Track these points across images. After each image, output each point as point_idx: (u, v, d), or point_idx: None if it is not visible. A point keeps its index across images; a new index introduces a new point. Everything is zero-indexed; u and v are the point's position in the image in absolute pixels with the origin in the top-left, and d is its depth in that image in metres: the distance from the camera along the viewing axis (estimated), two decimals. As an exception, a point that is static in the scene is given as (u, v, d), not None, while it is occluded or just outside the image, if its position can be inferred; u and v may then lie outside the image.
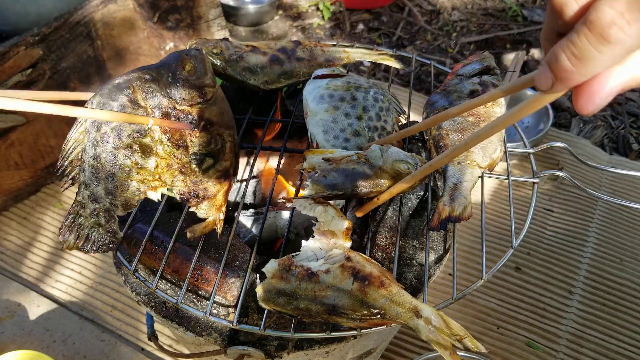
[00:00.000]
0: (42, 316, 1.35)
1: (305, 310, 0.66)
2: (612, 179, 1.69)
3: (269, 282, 0.68)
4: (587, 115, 0.38)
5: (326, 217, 0.71)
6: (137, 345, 1.30)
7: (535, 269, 1.44)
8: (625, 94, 2.04)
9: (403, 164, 0.73)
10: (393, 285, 0.66)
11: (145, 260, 0.82)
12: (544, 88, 0.40)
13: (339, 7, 2.57)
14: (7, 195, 1.60)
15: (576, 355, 1.27)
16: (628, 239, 1.52)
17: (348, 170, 0.73)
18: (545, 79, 0.40)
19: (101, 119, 0.71)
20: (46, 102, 0.59)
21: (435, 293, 1.38)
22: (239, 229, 0.96)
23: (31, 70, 1.48)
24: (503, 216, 1.58)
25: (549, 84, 0.39)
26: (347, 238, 0.71)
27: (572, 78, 0.38)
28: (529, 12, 2.49)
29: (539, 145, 0.92)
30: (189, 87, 0.74)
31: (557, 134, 1.82)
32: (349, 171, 0.73)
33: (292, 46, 0.99)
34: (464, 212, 0.78)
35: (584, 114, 0.40)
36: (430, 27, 2.45)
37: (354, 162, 0.74)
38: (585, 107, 0.39)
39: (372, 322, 0.66)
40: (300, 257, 0.69)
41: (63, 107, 0.58)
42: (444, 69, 1.12)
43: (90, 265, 1.48)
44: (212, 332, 0.81)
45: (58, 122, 1.61)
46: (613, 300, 1.37)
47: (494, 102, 0.90)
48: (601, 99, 0.38)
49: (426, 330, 0.65)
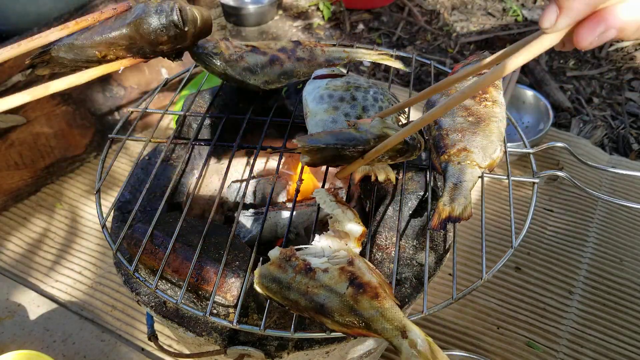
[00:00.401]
0: (42, 316, 1.35)
1: (294, 302, 0.66)
2: (612, 179, 1.69)
3: (267, 267, 0.69)
4: (584, 49, 0.41)
5: (343, 219, 0.72)
6: (137, 345, 1.30)
7: (535, 269, 1.44)
8: (625, 94, 2.04)
9: (392, 130, 0.73)
10: (388, 300, 0.65)
11: (145, 260, 0.82)
12: (547, 24, 0.43)
13: (339, 7, 2.57)
14: (7, 195, 1.60)
15: (576, 355, 1.27)
16: (628, 239, 1.52)
17: (336, 132, 0.74)
18: (549, 13, 0.43)
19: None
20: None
21: (435, 293, 1.38)
22: (239, 229, 0.96)
23: (31, 70, 1.48)
24: (503, 216, 1.58)
25: (553, 18, 0.43)
26: (358, 244, 0.72)
27: (576, 7, 0.41)
28: (529, 12, 2.49)
29: (539, 145, 0.92)
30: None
31: (557, 134, 1.82)
32: (337, 132, 0.74)
33: (292, 46, 0.99)
34: (464, 212, 0.78)
35: (582, 45, 0.43)
36: (430, 27, 2.45)
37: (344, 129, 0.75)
38: (583, 38, 0.43)
39: (356, 330, 0.65)
40: (306, 252, 0.69)
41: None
42: (444, 69, 1.12)
43: (90, 265, 1.48)
44: (212, 332, 0.81)
45: (58, 121, 1.61)
46: (613, 300, 1.37)
47: (494, 102, 0.90)
48: (600, 32, 0.42)
49: (408, 353, 0.62)
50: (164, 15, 0.71)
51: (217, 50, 0.93)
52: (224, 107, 1.04)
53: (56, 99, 1.57)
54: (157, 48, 0.77)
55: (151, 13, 0.71)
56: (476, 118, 0.87)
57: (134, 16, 0.73)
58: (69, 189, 1.69)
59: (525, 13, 2.49)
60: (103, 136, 1.76)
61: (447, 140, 0.86)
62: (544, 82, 2.08)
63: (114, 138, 0.98)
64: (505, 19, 2.47)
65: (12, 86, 1.45)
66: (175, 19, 0.71)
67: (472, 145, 0.84)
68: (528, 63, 2.15)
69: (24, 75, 1.40)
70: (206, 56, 0.93)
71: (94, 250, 1.52)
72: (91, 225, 1.58)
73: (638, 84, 2.09)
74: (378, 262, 0.83)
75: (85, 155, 1.74)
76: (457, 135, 0.86)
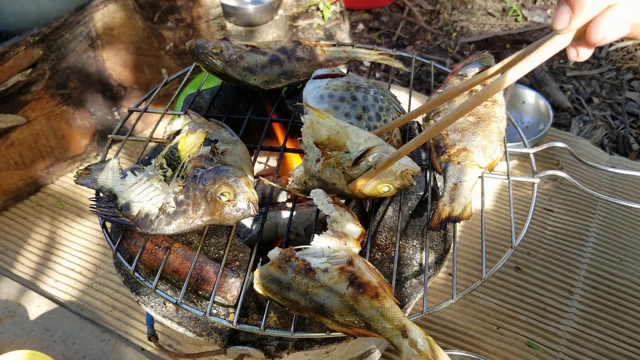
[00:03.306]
0: (42, 316, 1.35)
1: (294, 303, 0.66)
2: (612, 179, 1.69)
3: (267, 268, 0.69)
4: (597, 44, 0.42)
5: (341, 220, 0.72)
6: (137, 345, 1.30)
7: (535, 269, 1.44)
8: (625, 94, 2.04)
9: (385, 186, 0.73)
10: (388, 299, 0.65)
11: (145, 260, 0.82)
12: (561, 26, 0.44)
13: (339, 7, 2.57)
14: (7, 195, 1.60)
15: (576, 355, 1.27)
16: (628, 239, 1.52)
17: (327, 187, 0.75)
18: (562, 15, 0.44)
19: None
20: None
21: (435, 293, 1.38)
22: (239, 229, 0.96)
23: (31, 70, 1.48)
24: (503, 216, 1.58)
25: (566, 19, 0.44)
26: (358, 244, 0.72)
27: (589, 5, 0.42)
28: (529, 12, 2.49)
29: (539, 145, 0.92)
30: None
31: (557, 134, 1.82)
32: (328, 187, 0.75)
33: (292, 46, 0.99)
34: (464, 212, 0.78)
35: (595, 40, 0.44)
36: (430, 27, 2.45)
37: (334, 175, 0.74)
38: (596, 32, 0.43)
39: (356, 330, 0.65)
40: (306, 252, 0.69)
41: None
42: (444, 69, 1.12)
43: (90, 265, 1.48)
44: (212, 332, 0.81)
45: (58, 121, 1.61)
46: (613, 300, 1.37)
47: (494, 102, 0.90)
48: (613, 27, 0.43)
49: (408, 352, 0.62)
50: (242, 213, 0.72)
51: (217, 50, 0.93)
52: (223, 107, 1.04)
53: (56, 99, 1.58)
54: None
55: (232, 212, 0.72)
56: (476, 118, 0.87)
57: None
58: (69, 189, 1.69)
59: (525, 13, 2.49)
60: (103, 136, 1.76)
61: (447, 140, 0.86)
62: (544, 82, 2.08)
63: (114, 138, 0.98)
64: (505, 19, 2.47)
65: (12, 86, 1.45)
66: (252, 213, 0.72)
67: (472, 145, 0.84)
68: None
69: (24, 75, 1.40)
70: (206, 56, 0.93)
71: (94, 250, 1.52)
72: (91, 225, 1.58)
73: (638, 84, 2.09)
74: (378, 262, 0.83)
75: (85, 155, 1.74)
76: (457, 135, 0.86)
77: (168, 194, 0.75)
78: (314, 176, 0.75)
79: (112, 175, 0.81)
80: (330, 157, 0.73)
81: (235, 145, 0.81)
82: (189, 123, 0.86)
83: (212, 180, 0.73)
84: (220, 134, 0.83)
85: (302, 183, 0.77)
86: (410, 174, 0.72)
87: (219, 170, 0.74)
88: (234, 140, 0.83)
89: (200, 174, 0.75)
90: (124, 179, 0.79)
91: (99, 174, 0.83)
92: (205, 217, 0.72)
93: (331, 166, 0.73)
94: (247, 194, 0.71)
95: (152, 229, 0.73)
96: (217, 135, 0.82)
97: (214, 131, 0.83)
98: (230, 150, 0.79)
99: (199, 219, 0.72)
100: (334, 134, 0.74)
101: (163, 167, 0.81)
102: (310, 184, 0.76)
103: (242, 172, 0.75)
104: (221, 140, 0.81)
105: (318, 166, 0.74)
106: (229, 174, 0.73)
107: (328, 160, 0.73)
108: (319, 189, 0.75)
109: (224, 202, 0.71)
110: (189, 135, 0.84)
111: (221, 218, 0.72)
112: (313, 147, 0.75)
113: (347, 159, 0.73)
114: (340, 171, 0.73)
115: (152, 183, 0.78)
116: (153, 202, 0.75)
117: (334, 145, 0.74)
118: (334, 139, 0.74)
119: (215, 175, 0.73)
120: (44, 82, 1.52)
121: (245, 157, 0.80)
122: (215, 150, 0.79)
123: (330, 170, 0.74)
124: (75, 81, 1.60)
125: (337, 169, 0.73)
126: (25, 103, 1.51)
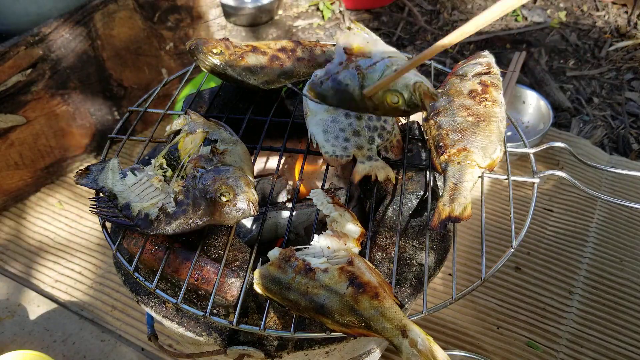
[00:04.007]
0: (42, 316, 1.35)
1: (294, 303, 0.67)
2: (612, 179, 1.68)
3: (267, 268, 0.69)
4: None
5: (341, 220, 0.72)
6: (137, 345, 1.30)
7: (535, 269, 1.44)
8: (625, 94, 2.04)
9: (394, 96, 0.71)
10: (387, 299, 0.65)
11: (145, 260, 0.82)
12: None
13: (339, 7, 2.57)
14: (7, 195, 1.60)
15: (576, 355, 1.27)
16: (628, 239, 1.52)
17: (339, 88, 0.77)
18: None
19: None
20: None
21: (435, 293, 1.38)
22: (239, 229, 0.96)
23: (31, 70, 1.48)
24: (503, 216, 1.58)
25: None
26: (357, 244, 0.71)
27: None
28: (528, 12, 2.49)
29: (539, 145, 0.92)
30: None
31: (557, 134, 1.82)
32: (340, 89, 0.77)
33: (292, 46, 0.99)
34: (464, 212, 0.78)
35: None
36: (430, 27, 2.45)
37: (349, 76, 0.76)
38: None
39: (356, 330, 0.65)
40: (306, 252, 0.69)
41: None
42: (444, 69, 1.12)
43: (90, 265, 1.48)
44: (212, 332, 0.81)
45: (58, 121, 1.61)
46: (613, 300, 1.37)
47: (494, 102, 0.90)
48: None
49: (408, 352, 0.63)
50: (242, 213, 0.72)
51: (217, 50, 0.93)
52: (223, 107, 1.04)
53: (56, 99, 1.58)
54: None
55: (232, 212, 0.71)
56: (476, 118, 0.87)
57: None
58: (69, 189, 1.69)
59: (525, 13, 2.49)
60: (103, 136, 1.76)
61: (447, 140, 0.86)
62: (544, 82, 2.08)
63: (114, 138, 0.98)
64: (505, 18, 2.47)
65: (12, 86, 1.45)
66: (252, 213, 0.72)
67: (472, 145, 0.84)
68: (528, 63, 2.15)
69: (23, 75, 1.40)
70: (206, 56, 0.93)
71: (94, 250, 1.52)
72: (91, 225, 1.58)
73: (638, 84, 2.09)
74: (378, 262, 0.83)
75: (85, 155, 1.74)
76: (457, 135, 0.86)
77: (168, 194, 0.75)
78: (332, 77, 0.78)
79: (112, 175, 0.81)
80: (353, 61, 0.79)
81: (235, 145, 0.81)
82: (189, 123, 0.86)
83: (212, 181, 0.73)
84: (220, 134, 0.83)
85: (319, 83, 0.79)
86: (422, 89, 0.70)
87: (218, 171, 0.74)
88: (234, 140, 0.82)
89: (200, 174, 0.75)
90: (124, 179, 0.79)
91: (99, 174, 0.83)
92: (205, 217, 0.72)
93: (351, 69, 0.77)
94: (247, 194, 0.71)
95: (152, 229, 0.73)
96: (217, 135, 0.82)
97: (214, 131, 0.83)
98: (230, 150, 0.79)
99: (199, 219, 0.72)
100: (364, 43, 0.82)
101: (163, 167, 0.81)
102: (325, 85, 0.79)
103: (242, 172, 0.75)
104: (221, 140, 0.81)
105: (339, 68, 0.79)
106: (229, 174, 0.73)
107: (350, 63, 0.78)
108: (319, 190, 0.75)
109: (224, 202, 0.71)
110: (188, 135, 0.84)
111: (221, 218, 0.72)
112: (341, 52, 0.81)
113: (368, 64, 0.77)
114: (355, 72, 0.76)
115: (152, 183, 0.78)
116: (153, 202, 0.75)
117: (361, 52, 0.80)
118: (363, 47, 0.81)
119: (215, 176, 0.73)
120: (44, 82, 1.52)
121: (245, 157, 0.80)
122: (215, 150, 0.79)
123: (350, 73, 0.77)
124: (75, 81, 1.60)
125: (355, 71, 0.76)
126: (25, 103, 1.51)
